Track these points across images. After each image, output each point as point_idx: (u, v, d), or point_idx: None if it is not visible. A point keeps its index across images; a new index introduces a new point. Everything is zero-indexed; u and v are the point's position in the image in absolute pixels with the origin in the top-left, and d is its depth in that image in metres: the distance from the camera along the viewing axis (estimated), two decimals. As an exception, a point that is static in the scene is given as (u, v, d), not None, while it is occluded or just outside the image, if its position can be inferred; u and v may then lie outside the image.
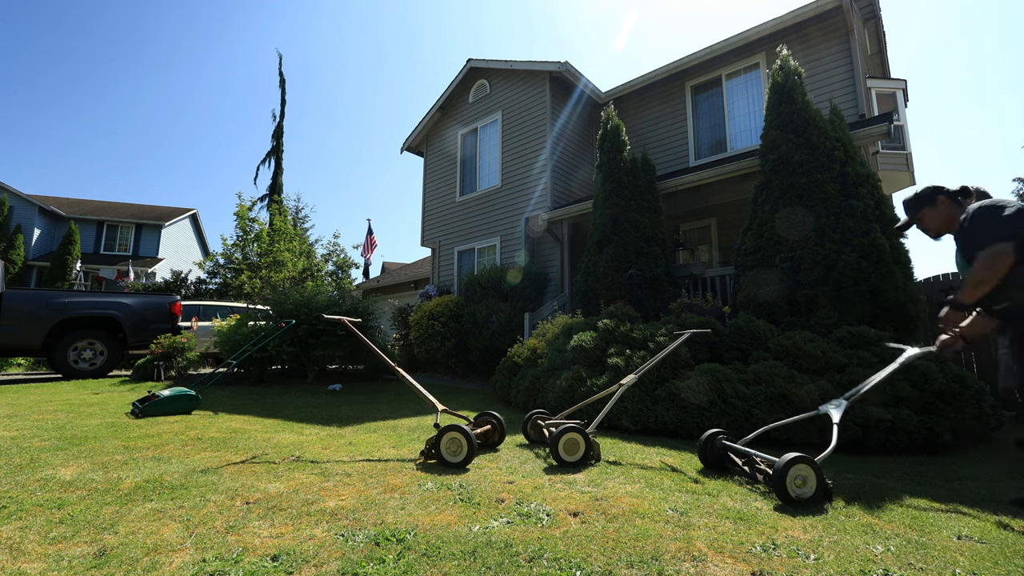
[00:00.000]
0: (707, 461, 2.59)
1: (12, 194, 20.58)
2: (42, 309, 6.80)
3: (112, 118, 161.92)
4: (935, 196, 2.37)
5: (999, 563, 1.53)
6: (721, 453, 2.59)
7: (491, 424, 3.11)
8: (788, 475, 2.02)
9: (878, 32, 8.21)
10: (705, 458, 2.60)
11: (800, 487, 2.03)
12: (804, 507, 1.97)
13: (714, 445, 2.62)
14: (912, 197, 2.45)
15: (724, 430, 2.70)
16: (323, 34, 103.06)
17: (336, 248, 20.25)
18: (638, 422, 3.64)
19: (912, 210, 2.44)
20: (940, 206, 2.35)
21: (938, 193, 2.37)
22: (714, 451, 2.60)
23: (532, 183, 8.94)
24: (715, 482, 2.36)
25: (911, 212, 2.45)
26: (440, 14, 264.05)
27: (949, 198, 2.36)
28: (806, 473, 2.05)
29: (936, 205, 2.36)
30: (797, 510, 1.96)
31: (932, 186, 2.42)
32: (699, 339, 4.07)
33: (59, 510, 1.83)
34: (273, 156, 22.62)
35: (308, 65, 68.55)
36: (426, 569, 1.40)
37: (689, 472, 2.55)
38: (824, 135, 4.67)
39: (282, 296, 7.28)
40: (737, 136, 7.86)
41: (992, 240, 2.00)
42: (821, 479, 2.05)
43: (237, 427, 3.60)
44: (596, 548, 1.55)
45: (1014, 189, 14.16)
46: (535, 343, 5.31)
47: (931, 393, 3.18)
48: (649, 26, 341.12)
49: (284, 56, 43.63)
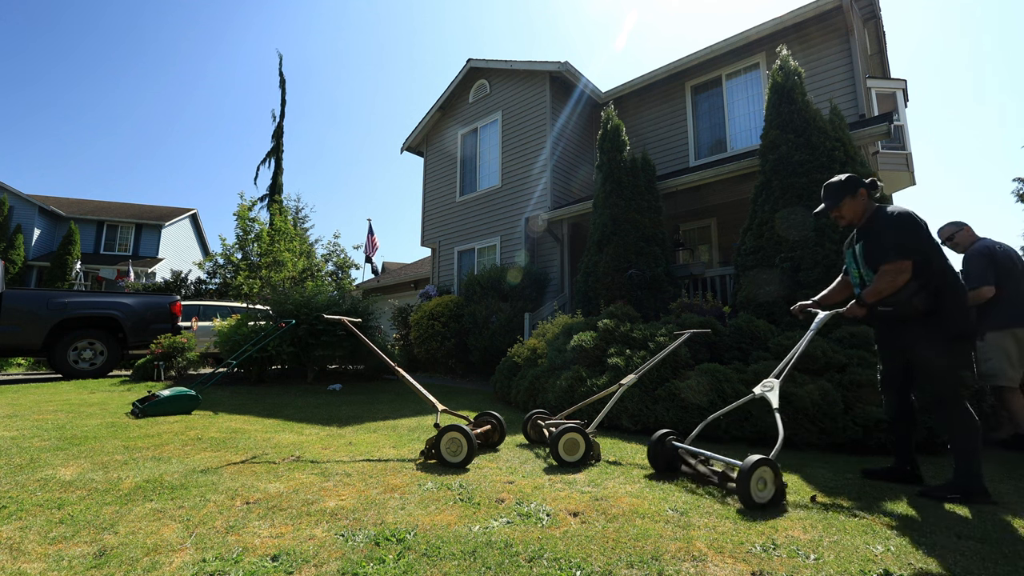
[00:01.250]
0: (657, 465, 2.46)
1: (12, 194, 20.58)
2: (42, 309, 6.80)
3: (112, 118, 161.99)
4: (858, 187, 2.42)
5: (999, 563, 1.53)
6: (671, 455, 2.45)
7: (491, 424, 3.11)
8: (753, 478, 1.94)
9: (878, 32, 8.21)
10: (655, 461, 2.46)
11: (762, 490, 1.96)
12: (763, 510, 1.92)
13: (664, 447, 2.47)
14: (837, 184, 2.46)
15: (673, 430, 2.57)
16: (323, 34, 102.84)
17: (336, 248, 20.26)
18: (638, 422, 3.64)
19: (834, 197, 2.46)
20: (859, 198, 2.41)
21: (860, 185, 2.42)
22: (664, 453, 2.46)
23: (532, 183, 8.94)
24: (715, 482, 2.36)
25: (833, 199, 2.46)
26: (440, 14, 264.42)
27: (867, 191, 2.42)
28: (767, 476, 1.98)
29: (856, 196, 2.41)
30: (783, 511, 1.96)
31: (855, 176, 2.46)
32: (699, 339, 4.07)
33: (59, 510, 1.83)
34: (273, 156, 22.61)
35: (308, 65, 68.68)
36: (426, 569, 1.40)
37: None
38: (824, 135, 4.67)
39: (282, 296, 7.28)
40: (737, 136, 7.86)
41: (900, 255, 2.17)
42: (779, 479, 2.00)
43: (237, 427, 3.60)
44: (596, 548, 1.55)
45: (1014, 189, 14.14)
46: (535, 343, 5.31)
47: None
48: (649, 26, 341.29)
49: (284, 56, 43.67)
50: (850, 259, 2.51)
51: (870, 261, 2.31)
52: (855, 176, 2.45)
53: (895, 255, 2.17)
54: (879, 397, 3.17)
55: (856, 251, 2.43)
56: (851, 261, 2.50)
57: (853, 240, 2.50)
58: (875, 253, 2.28)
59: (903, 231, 2.20)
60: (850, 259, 2.51)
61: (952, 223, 3.66)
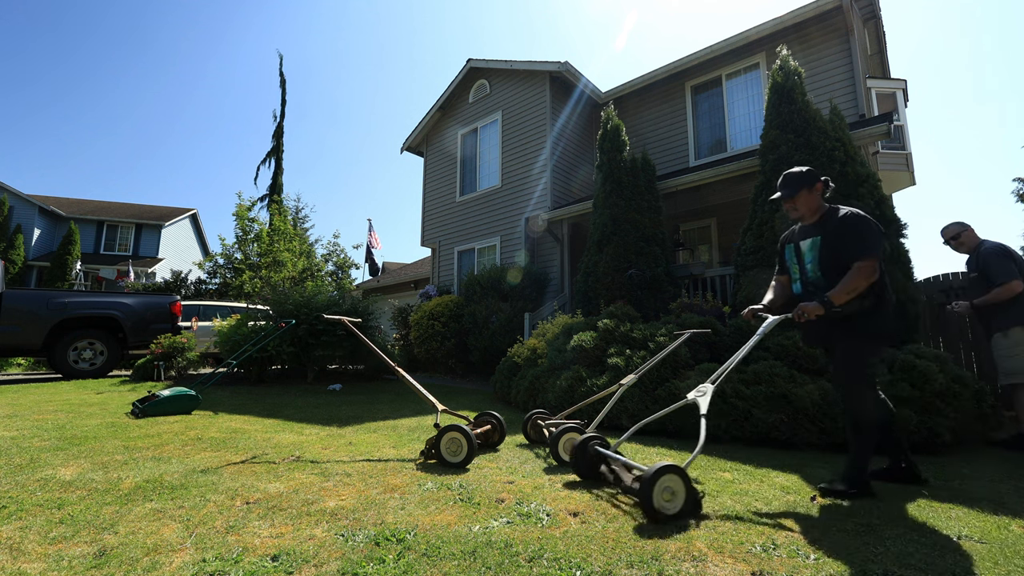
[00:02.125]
0: (581, 472, 2.32)
1: (12, 194, 20.58)
2: (42, 309, 6.80)
3: (112, 118, 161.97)
4: (816, 181, 2.35)
5: (999, 563, 1.53)
6: (594, 461, 2.30)
7: (491, 424, 3.11)
8: (656, 487, 1.79)
9: (878, 32, 8.21)
10: (579, 469, 2.32)
11: (668, 500, 1.80)
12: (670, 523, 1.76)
13: (587, 453, 2.31)
14: (797, 174, 2.38)
15: (600, 435, 2.42)
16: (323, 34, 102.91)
17: (336, 248, 20.25)
18: (638, 422, 3.63)
19: (792, 187, 2.37)
20: (815, 192, 2.34)
21: (818, 179, 2.35)
22: (587, 460, 2.30)
23: (532, 183, 8.94)
24: (715, 482, 2.36)
25: (791, 188, 2.37)
26: (440, 14, 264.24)
27: (823, 187, 2.36)
28: (675, 484, 1.83)
29: (813, 191, 2.35)
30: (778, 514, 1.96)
31: (814, 170, 2.39)
32: (699, 339, 4.07)
33: (59, 510, 1.83)
34: (273, 156, 22.61)
35: (309, 65, 68.70)
36: (426, 569, 1.40)
37: (689, 472, 2.55)
38: (824, 135, 4.67)
39: (282, 296, 7.27)
40: (737, 136, 7.86)
41: (869, 254, 2.12)
42: (691, 490, 1.85)
43: (237, 427, 3.60)
44: (596, 548, 1.55)
45: (1014, 189, 14.13)
46: (535, 343, 5.31)
47: (931, 393, 3.18)
48: (649, 26, 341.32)
49: (284, 56, 43.64)
50: (791, 255, 2.44)
51: (831, 259, 2.23)
52: (815, 170, 2.38)
53: (869, 252, 2.13)
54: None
55: (803, 247, 2.36)
56: (792, 257, 2.43)
57: (795, 235, 2.43)
58: (844, 250, 2.19)
59: (869, 228, 2.17)
60: (791, 255, 2.44)
61: (957, 223, 3.66)
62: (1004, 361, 3.38)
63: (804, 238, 2.37)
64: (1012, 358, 3.32)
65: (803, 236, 2.39)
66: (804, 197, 2.35)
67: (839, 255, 2.20)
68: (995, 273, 3.35)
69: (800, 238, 2.40)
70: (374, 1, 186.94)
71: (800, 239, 2.40)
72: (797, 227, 2.46)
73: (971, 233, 3.59)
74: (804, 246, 2.36)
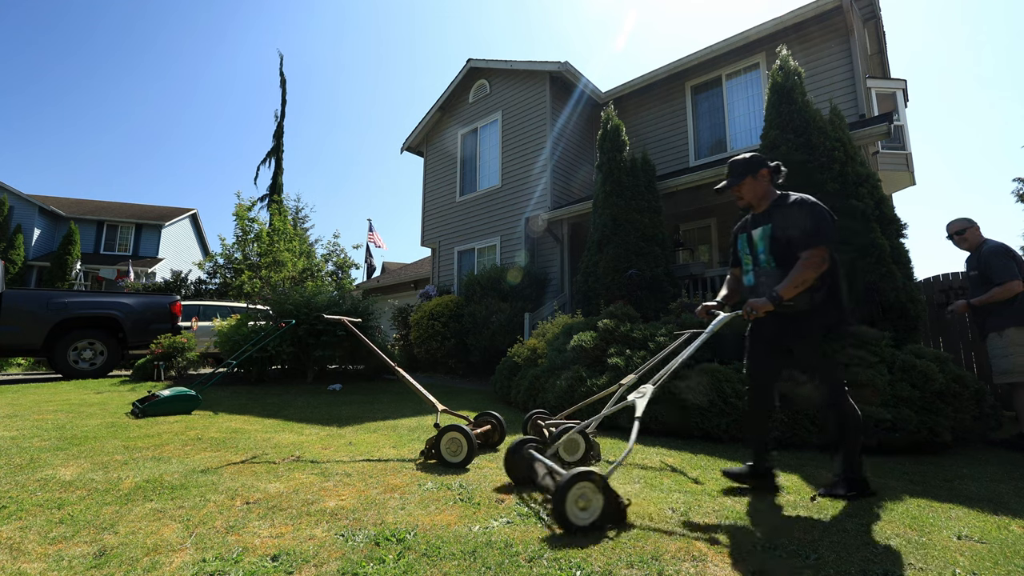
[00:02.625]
0: (514, 476, 2.21)
1: (12, 194, 20.58)
2: (42, 309, 6.80)
3: (112, 118, 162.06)
4: (760, 167, 2.26)
5: (999, 563, 1.53)
6: (529, 464, 2.17)
7: (491, 424, 3.11)
8: (570, 496, 1.66)
9: (878, 32, 8.21)
10: (512, 472, 2.22)
11: (583, 509, 1.68)
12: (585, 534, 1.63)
13: (521, 457, 2.19)
14: (740, 161, 2.31)
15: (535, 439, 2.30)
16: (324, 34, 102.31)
17: (336, 248, 20.25)
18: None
19: (734, 175, 2.30)
20: (761, 179, 2.27)
21: (763, 166, 2.27)
22: (520, 465, 2.19)
23: (532, 183, 8.94)
24: (715, 482, 2.36)
25: (734, 177, 2.30)
26: (440, 14, 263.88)
27: (770, 173, 2.29)
28: (590, 492, 1.69)
29: (758, 177, 2.27)
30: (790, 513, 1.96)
31: (759, 156, 2.31)
32: (699, 339, 4.06)
33: (59, 510, 1.82)
34: (273, 156, 22.62)
35: (309, 65, 68.59)
36: (426, 569, 1.40)
37: (689, 472, 2.55)
38: (824, 135, 4.66)
39: (282, 296, 7.27)
40: (737, 136, 7.86)
41: (817, 242, 2.02)
42: (609, 497, 1.71)
43: (237, 427, 3.60)
44: (596, 548, 1.55)
45: (1014, 189, 14.12)
46: (535, 343, 5.31)
47: (931, 393, 3.18)
48: (649, 26, 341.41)
49: (285, 56, 43.62)
50: (743, 245, 2.35)
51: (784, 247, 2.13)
52: (760, 156, 2.31)
53: (818, 241, 2.03)
54: (879, 397, 3.18)
55: (755, 236, 2.26)
56: (744, 247, 2.35)
57: (748, 225, 2.35)
58: (793, 239, 2.09)
59: (820, 216, 2.07)
60: (743, 245, 2.35)
61: (964, 219, 3.66)
62: (999, 361, 3.39)
63: (756, 227, 2.29)
64: (1006, 357, 3.33)
65: (755, 225, 2.30)
66: (749, 184, 2.27)
67: (791, 242, 2.11)
68: (996, 272, 3.35)
69: (752, 227, 2.32)
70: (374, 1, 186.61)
71: (752, 228, 2.31)
72: (749, 217, 2.38)
73: (976, 231, 3.59)
74: (756, 235, 2.27)
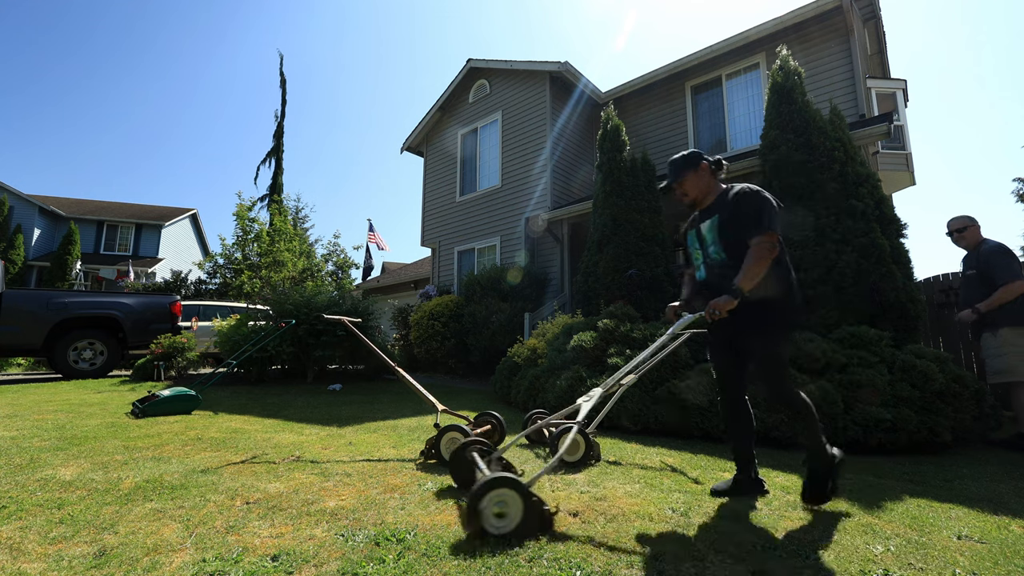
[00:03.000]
0: (457, 479, 2.17)
1: (12, 194, 20.58)
2: (42, 309, 6.80)
3: (112, 118, 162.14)
4: (699, 161, 2.23)
5: (999, 563, 1.53)
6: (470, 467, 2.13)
7: (491, 424, 3.11)
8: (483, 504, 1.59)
9: (878, 32, 8.21)
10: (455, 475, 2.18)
11: (500, 518, 1.60)
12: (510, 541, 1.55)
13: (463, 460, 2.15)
14: (678, 159, 2.28)
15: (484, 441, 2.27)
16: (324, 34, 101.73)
17: (336, 248, 20.24)
18: (638, 422, 3.64)
19: (676, 172, 2.27)
20: (702, 172, 2.24)
21: (702, 159, 2.25)
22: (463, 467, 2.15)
23: (532, 183, 8.94)
24: (715, 482, 2.36)
25: (673, 175, 2.28)
26: (440, 14, 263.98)
27: (711, 167, 2.26)
28: (509, 499, 1.61)
29: (699, 171, 2.23)
30: (787, 511, 1.96)
31: (697, 152, 2.28)
32: (699, 339, 4.07)
33: (59, 510, 1.82)
34: (273, 156, 22.61)
35: (309, 65, 68.65)
36: (426, 569, 1.40)
37: (689, 472, 2.55)
38: (824, 135, 4.67)
39: (282, 296, 7.27)
40: (737, 136, 7.86)
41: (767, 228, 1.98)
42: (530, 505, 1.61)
43: (237, 427, 3.60)
44: (596, 548, 1.55)
45: (1014, 189, 14.13)
46: (535, 343, 5.31)
47: (931, 393, 3.18)
48: (649, 26, 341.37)
49: (285, 56, 43.62)
50: (693, 241, 2.30)
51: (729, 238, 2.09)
52: (698, 151, 2.28)
53: (766, 226, 1.97)
54: (879, 397, 3.18)
55: (703, 229, 2.21)
56: (694, 242, 2.29)
57: (696, 220, 2.30)
58: (738, 227, 2.05)
59: (764, 201, 2.02)
60: (693, 241, 2.30)
61: (966, 216, 3.63)
62: (993, 360, 3.39)
63: (703, 221, 2.25)
64: (1000, 357, 3.33)
65: (702, 219, 2.26)
66: (691, 179, 2.24)
67: (739, 232, 2.06)
68: (999, 272, 3.33)
69: (700, 221, 2.28)
70: (374, 1, 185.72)
71: (700, 222, 2.27)
72: (697, 213, 2.34)
73: (976, 229, 3.58)
74: (704, 228, 2.22)
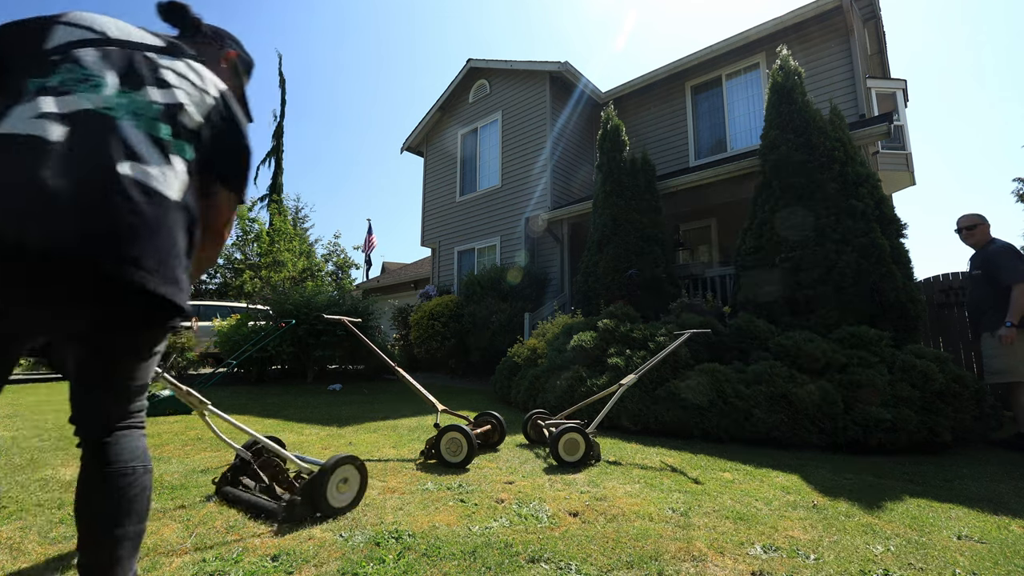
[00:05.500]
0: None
1: (12, 194, 20.54)
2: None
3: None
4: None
5: (999, 563, 1.53)
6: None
7: (491, 424, 3.11)
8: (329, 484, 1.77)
9: (878, 32, 8.21)
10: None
11: (342, 492, 1.84)
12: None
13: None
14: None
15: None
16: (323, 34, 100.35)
17: (336, 248, 20.26)
18: (638, 422, 3.64)
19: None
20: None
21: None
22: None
23: (532, 183, 8.94)
24: (715, 482, 2.36)
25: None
26: (440, 14, 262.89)
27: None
28: (350, 474, 1.85)
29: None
30: (796, 509, 1.96)
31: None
32: (699, 339, 4.07)
33: (59, 510, 1.83)
34: (273, 156, 22.61)
35: (309, 65, 68.18)
36: (426, 569, 1.40)
37: (689, 472, 2.55)
38: (824, 135, 4.67)
39: (282, 296, 7.28)
40: (737, 136, 7.86)
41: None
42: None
43: (237, 427, 3.60)
44: (596, 548, 1.55)
45: (1014, 189, 14.13)
46: (535, 343, 5.31)
47: (931, 393, 3.18)
48: (649, 26, 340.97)
49: (284, 56, 43.54)
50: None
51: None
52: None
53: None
54: (879, 397, 3.18)
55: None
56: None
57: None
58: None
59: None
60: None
61: (976, 214, 3.60)
62: (991, 360, 3.38)
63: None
64: (998, 357, 3.33)
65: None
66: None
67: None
68: (1005, 272, 3.32)
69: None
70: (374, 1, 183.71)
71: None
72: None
73: (986, 228, 3.56)
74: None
